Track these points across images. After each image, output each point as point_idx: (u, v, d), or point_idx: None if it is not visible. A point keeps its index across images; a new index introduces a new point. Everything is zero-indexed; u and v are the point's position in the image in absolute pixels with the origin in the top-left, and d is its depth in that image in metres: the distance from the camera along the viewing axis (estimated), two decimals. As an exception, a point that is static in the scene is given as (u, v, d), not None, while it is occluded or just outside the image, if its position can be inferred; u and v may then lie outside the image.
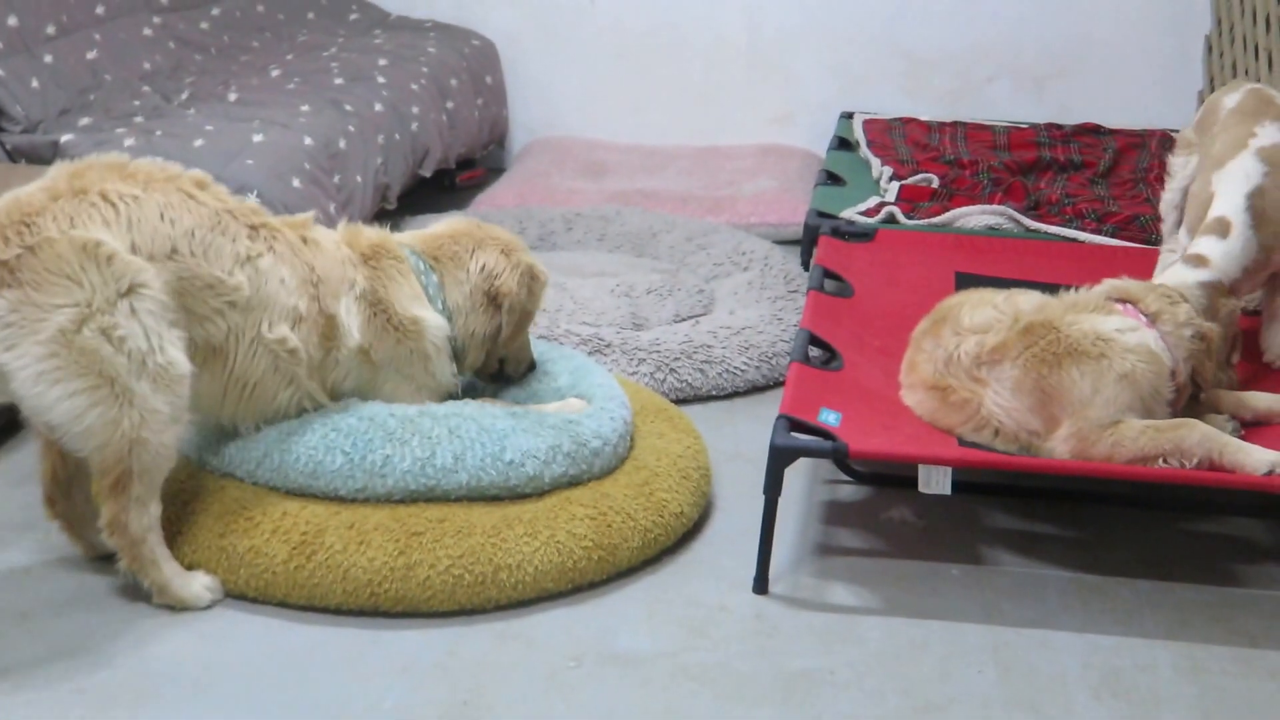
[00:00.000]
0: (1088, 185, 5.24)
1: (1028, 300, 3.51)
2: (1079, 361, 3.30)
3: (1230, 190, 3.76)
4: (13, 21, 4.62)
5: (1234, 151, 3.82)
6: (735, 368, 4.26)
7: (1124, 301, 3.46)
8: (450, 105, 5.82)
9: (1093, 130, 5.83)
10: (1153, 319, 3.40)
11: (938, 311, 3.63)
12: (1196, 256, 3.69)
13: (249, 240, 3.17)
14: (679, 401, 4.12)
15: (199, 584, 3.16)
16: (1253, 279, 3.76)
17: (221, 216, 3.14)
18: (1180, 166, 4.21)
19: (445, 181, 6.06)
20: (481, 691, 2.94)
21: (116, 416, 2.95)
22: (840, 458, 3.46)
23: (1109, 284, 3.56)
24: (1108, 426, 3.25)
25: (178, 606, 3.14)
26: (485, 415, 3.38)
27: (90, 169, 3.05)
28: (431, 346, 3.44)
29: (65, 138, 4.37)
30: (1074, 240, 4.67)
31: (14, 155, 4.38)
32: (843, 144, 5.74)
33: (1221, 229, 3.70)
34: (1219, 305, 3.61)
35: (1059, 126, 5.85)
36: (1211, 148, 3.94)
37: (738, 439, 3.99)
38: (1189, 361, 3.39)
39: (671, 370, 4.21)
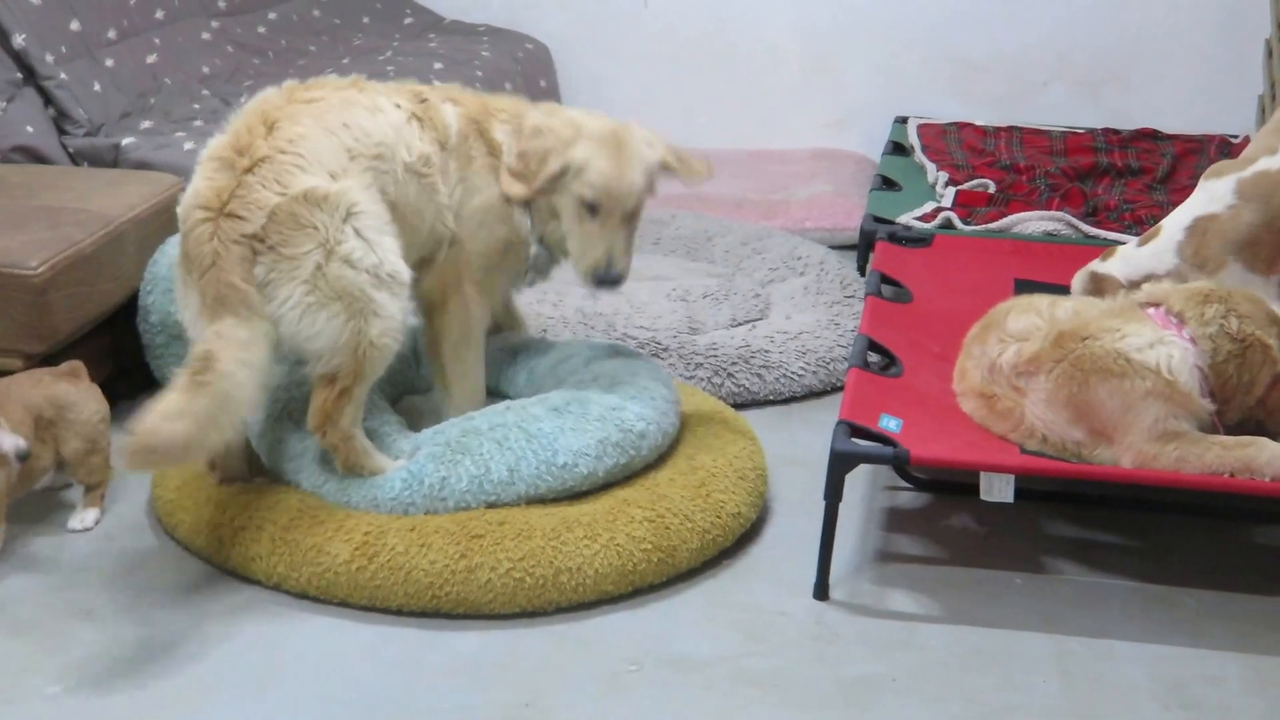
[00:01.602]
0: (1146, 191, 5.20)
1: (1066, 306, 3.47)
2: (1105, 379, 3.25)
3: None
4: (75, 26, 4.66)
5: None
6: (792, 373, 4.25)
7: (1154, 305, 3.41)
8: (505, 109, 5.81)
9: (1150, 135, 5.78)
10: (1180, 322, 3.35)
11: (989, 316, 3.60)
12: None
13: (399, 113, 3.44)
14: (735, 406, 4.10)
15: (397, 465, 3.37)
16: None
17: (378, 104, 3.42)
18: None
19: (499, 186, 6.06)
20: (542, 693, 2.94)
21: (364, 327, 3.24)
22: (901, 464, 3.45)
23: (1146, 286, 3.52)
24: (1168, 438, 3.21)
25: None
26: (528, 419, 3.40)
27: (265, 115, 3.31)
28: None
29: (126, 140, 4.40)
30: (1133, 246, 4.63)
31: (76, 158, 4.42)
32: (897, 149, 5.71)
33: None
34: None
35: (1116, 131, 5.81)
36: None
37: (794, 444, 3.98)
38: (1232, 363, 3.29)
39: (729, 375, 4.20)
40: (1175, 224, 3.80)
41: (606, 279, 3.50)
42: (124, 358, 4.07)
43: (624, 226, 3.51)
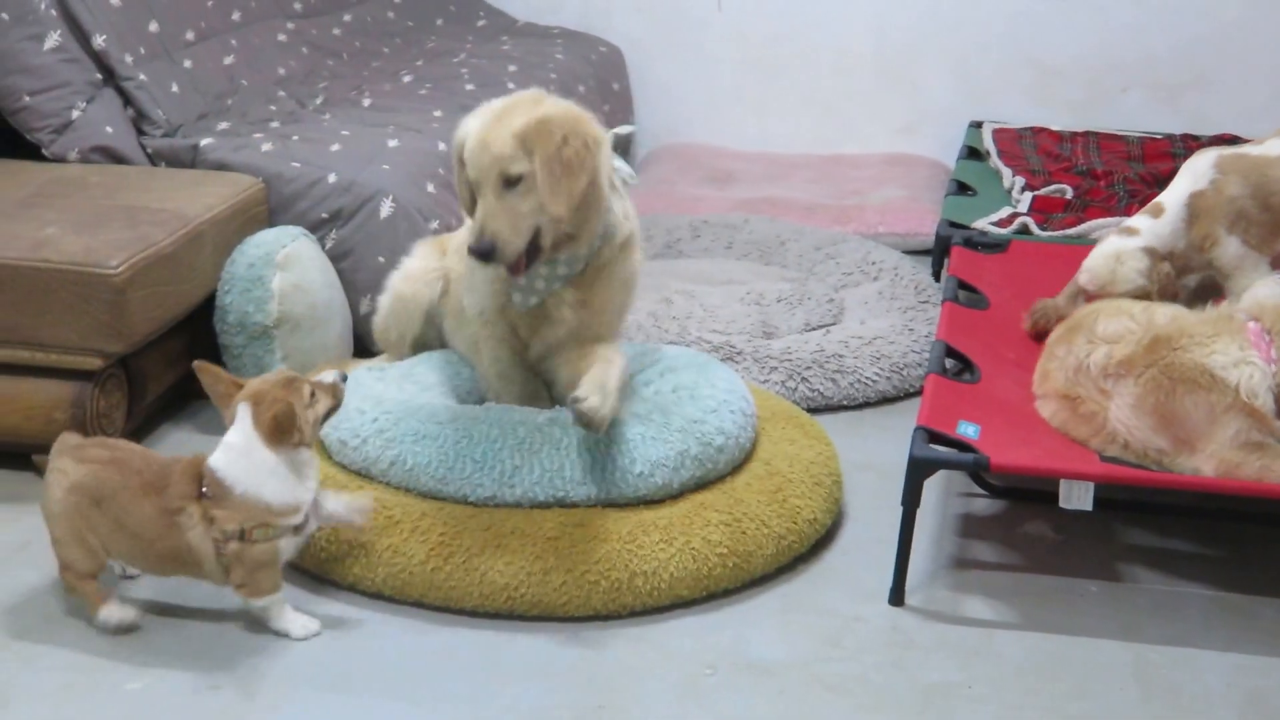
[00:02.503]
0: (1225, 198, 5.14)
1: (1165, 313, 3.44)
2: (1191, 390, 3.23)
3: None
4: (154, 27, 4.70)
5: None
6: (867, 378, 4.23)
7: (1255, 319, 3.37)
8: (578, 112, 5.82)
9: (1229, 141, 5.70)
10: (1270, 340, 3.30)
11: (1074, 318, 3.57)
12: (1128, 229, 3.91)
13: None
14: (809, 410, 4.08)
15: None
16: None
17: None
18: None
19: (570, 188, 6.06)
20: (617, 696, 2.94)
21: None
22: (980, 470, 3.42)
23: (1251, 294, 3.48)
24: (1252, 448, 3.18)
25: None
26: (614, 424, 3.39)
27: None
28: None
29: (204, 141, 4.44)
30: (1213, 253, 4.57)
31: (155, 159, 4.46)
32: (972, 153, 5.68)
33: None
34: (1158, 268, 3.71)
35: (1195, 137, 5.75)
36: None
37: (868, 449, 3.96)
38: None
39: (803, 379, 4.19)
40: (1173, 201, 3.89)
41: (475, 250, 3.20)
42: (200, 358, 4.10)
43: (495, 196, 3.20)
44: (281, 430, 2.95)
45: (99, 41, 4.44)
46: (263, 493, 2.95)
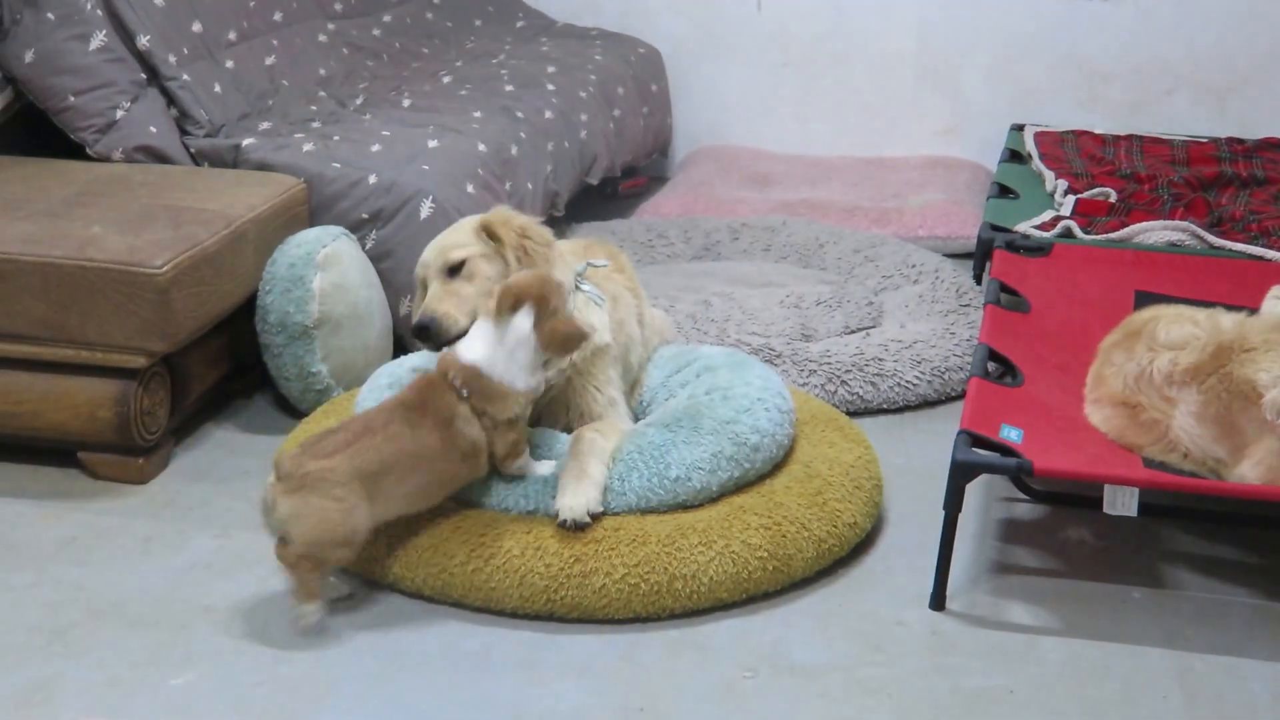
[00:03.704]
0: (1272, 201, 5.09)
1: (1230, 319, 3.41)
2: (1244, 406, 3.20)
3: None
4: (196, 28, 4.72)
5: None
6: (907, 381, 4.21)
7: None
8: (617, 113, 5.84)
9: (1276, 145, 5.66)
10: None
11: (1131, 324, 3.53)
12: None
13: None
14: (849, 414, 4.07)
15: None
16: None
17: None
18: None
19: (607, 189, 6.07)
20: (657, 698, 2.93)
21: None
22: (1022, 475, 3.41)
23: None
24: None
25: None
26: (639, 434, 3.41)
27: None
28: None
29: (246, 141, 4.45)
30: (1260, 259, 4.53)
31: (197, 158, 4.47)
32: (1014, 156, 5.65)
33: None
34: None
35: (1240, 141, 5.70)
36: None
37: (908, 453, 3.95)
38: None
39: (843, 382, 4.17)
40: None
41: (415, 327, 3.37)
42: (241, 357, 4.13)
43: (442, 284, 3.38)
44: (570, 348, 3.30)
45: (143, 41, 4.46)
46: (516, 383, 3.22)
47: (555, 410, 3.51)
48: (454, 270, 3.39)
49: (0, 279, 3.68)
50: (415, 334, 3.39)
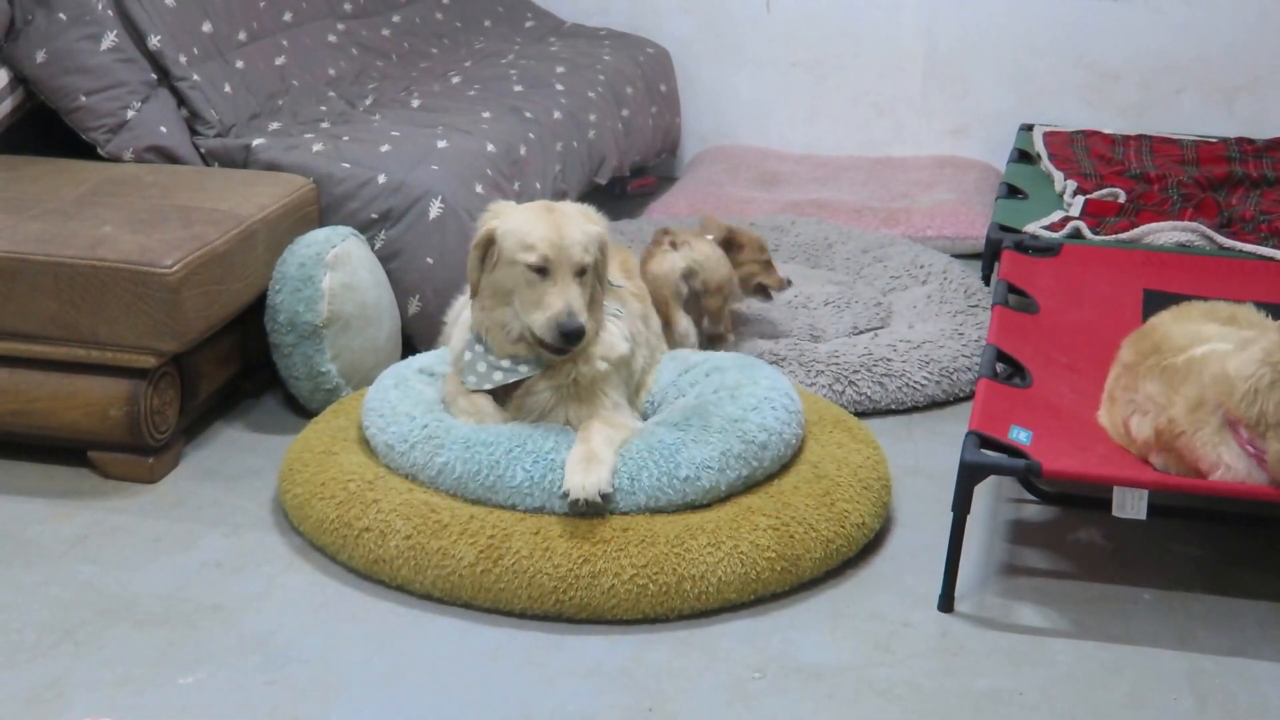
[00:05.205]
0: (1283, 201, 5.10)
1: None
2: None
3: None
4: (207, 28, 4.73)
5: None
6: (915, 382, 4.21)
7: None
8: (625, 113, 5.84)
9: (1286, 145, 5.67)
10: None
11: (1154, 337, 3.40)
12: None
13: None
14: (857, 414, 4.08)
15: None
16: None
17: None
18: None
19: (616, 189, 6.07)
20: (666, 699, 2.93)
21: None
22: (1031, 476, 3.40)
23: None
24: None
25: None
26: (649, 433, 3.41)
27: None
28: None
29: (256, 141, 4.46)
30: (1271, 259, 4.52)
31: (208, 158, 4.48)
32: (1023, 156, 5.65)
33: None
34: None
35: (1250, 141, 5.70)
36: None
37: (917, 454, 3.95)
38: None
39: (850, 383, 4.17)
40: None
41: (568, 328, 3.32)
42: (250, 356, 4.14)
43: (577, 284, 3.38)
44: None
45: (154, 42, 4.47)
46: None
47: (560, 413, 3.51)
48: (581, 272, 3.42)
49: (12, 278, 3.69)
50: (568, 336, 3.35)
